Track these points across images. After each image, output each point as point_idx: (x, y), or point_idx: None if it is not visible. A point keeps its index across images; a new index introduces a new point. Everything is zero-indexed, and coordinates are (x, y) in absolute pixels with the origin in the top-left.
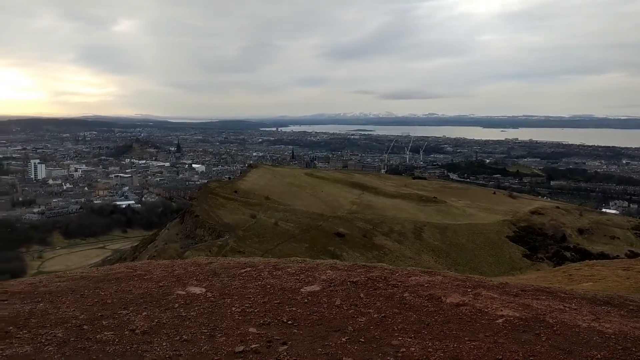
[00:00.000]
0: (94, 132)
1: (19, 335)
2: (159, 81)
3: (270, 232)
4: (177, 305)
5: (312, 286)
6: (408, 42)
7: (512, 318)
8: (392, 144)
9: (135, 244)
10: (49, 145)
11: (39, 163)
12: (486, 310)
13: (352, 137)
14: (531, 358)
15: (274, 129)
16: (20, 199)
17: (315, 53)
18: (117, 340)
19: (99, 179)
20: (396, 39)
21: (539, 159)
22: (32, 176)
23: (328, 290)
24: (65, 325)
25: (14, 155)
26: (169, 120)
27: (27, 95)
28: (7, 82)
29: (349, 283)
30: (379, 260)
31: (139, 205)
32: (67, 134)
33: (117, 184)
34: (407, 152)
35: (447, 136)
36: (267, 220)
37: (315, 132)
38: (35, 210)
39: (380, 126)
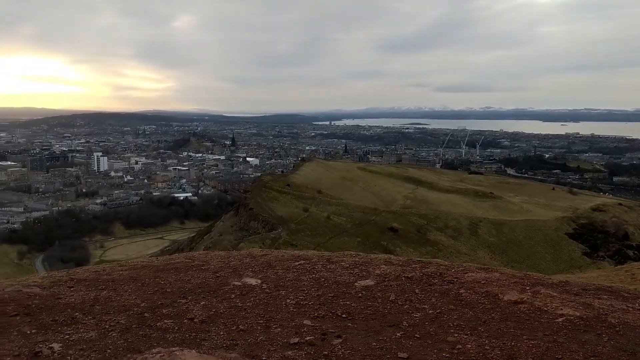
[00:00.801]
0: (153, 126)
1: (84, 321)
2: (215, 76)
3: (322, 226)
4: (233, 295)
5: (367, 280)
6: (465, 34)
7: (572, 317)
8: (447, 138)
9: (192, 235)
10: (110, 139)
11: (101, 156)
12: (545, 308)
13: (407, 130)
14: (592, 359)
15: (327, 122)
16: (84, 190)
17: (370, 46)
18: (176, 328)
19: (157, 172)
20: (453, 31)
21: (600, 154)
22: (95, 168)
23: (382, 285)
24: (127, 312)
25: (78, 148)
26: (224, 115)
27: (90, 90)
28: (72, 77)
29: (403, 278)
30: (433, 256)
31: (196, 197)
32: (128, 128)
33: (175, 176)
34: (463, 147)
35: (504, 130)
36: (319, 213)
37: (369, 125)
38: (98, 201)
39: (436, 120)
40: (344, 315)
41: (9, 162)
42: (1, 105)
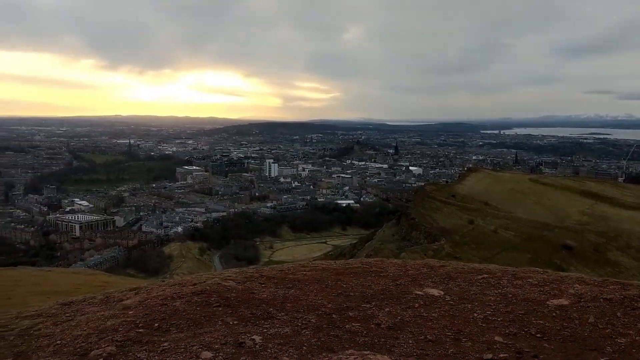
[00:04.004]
0: (320, 135)
1: (279, 317)
2: (379, 85)
3: (488, 240)
4: (417, 305)
5: (560, 300)
6: None
7: None
8: (632, 150)
9: (354, 241)
10: (281, 147)
11: (272, 162)
12: None
13: (585, 141)
14: None
15: (496, 131)
16: (257, 194)
17: (544, 51)
18: (365, 332)
19: (322, 179)
20: None
21: None
22: (267, 174)
23: (578, 305)
24: (316, 312)
25: (252, 155)
26: (387, 123)
27: (264, 101)
28: (248, 89)
29: (602, 300)
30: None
31: (358, 204)
32: (297, 136)
33: (338, 183)
34: None
35: None
36: (485, 226)
37: (542, 135)
38: (268, 204)
39: (619, 129)
40: (538, 335)
41: (194, 167)
42: (190, 115)
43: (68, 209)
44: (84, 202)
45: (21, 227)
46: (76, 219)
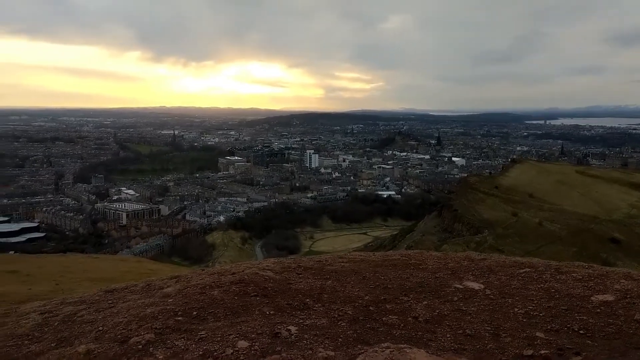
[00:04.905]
0: (361, 125)
1: (315, 308)
2: (423, 75)
3: (532, 232)
4: (456, 298)
5: (605, 295)
6: None
7: None
8: None
9: (394, 233)
10: (322, 137)
11: (313, 153)
12: None
13: (634, 131)
14: None
15: (542, 122)
16: (297, 184)
17: (592, 39)
18: (402, 325)
19: (363, 169)
20: None
21: None
22: (307, 164)
23: (624, 301)
24: (353, 304)
25: (293, 146)
26: (430, 113)
27: (305, 92)
28: (290, 80)
29: None
30: None
31: (399, 196)
32: (338, 127)
33: (379, 174)
34: None
35: None
36: (529, 219)
37: (590, 125)
38: (309, 195)
39: None
40: (581, 331)
41: (236, 157)
42: (232, 106)
43: (115, 197)
44: (131, 191)
45: (70, 215)
46: (123, 207)
